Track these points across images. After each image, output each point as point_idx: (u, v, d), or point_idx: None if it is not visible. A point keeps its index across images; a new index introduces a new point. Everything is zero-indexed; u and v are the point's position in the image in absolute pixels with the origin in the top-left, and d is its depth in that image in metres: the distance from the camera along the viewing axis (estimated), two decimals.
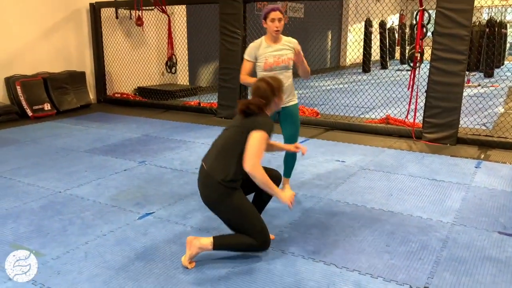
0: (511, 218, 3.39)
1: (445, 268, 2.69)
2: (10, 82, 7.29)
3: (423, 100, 5.84)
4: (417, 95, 5.82)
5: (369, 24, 15.27)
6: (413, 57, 5.84)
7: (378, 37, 16.19)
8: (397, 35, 17.70)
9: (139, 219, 3.37)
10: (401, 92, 7.48)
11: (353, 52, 15.08)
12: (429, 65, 5.67)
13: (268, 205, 3.62)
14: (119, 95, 9.01)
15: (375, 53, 16.89)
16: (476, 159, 4.96)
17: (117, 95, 9.02)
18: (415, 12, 5.85)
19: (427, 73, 5.73)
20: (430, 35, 5.78)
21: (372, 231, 3.17)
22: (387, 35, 16.84)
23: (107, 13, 8.78)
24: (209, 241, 2.66)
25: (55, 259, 2.76)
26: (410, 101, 5.93)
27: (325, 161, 4.89)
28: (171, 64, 8.49)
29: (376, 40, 16.20)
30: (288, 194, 2.71)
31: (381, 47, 16.25)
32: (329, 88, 10.63)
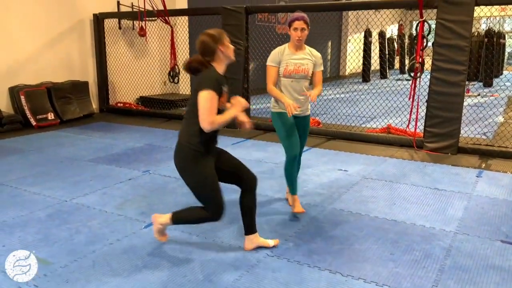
0: None
1: (449, 277, 2.72)
2: (14, 92, 7.35)
3: (424, 110, 5.90)
4: (418, 105, 5.88)
5: (368, 34, 15.41)
6: (414, 67, 5.92)
7: (378, 47, 16.34)
8: (396, 45, 17.85)
9: (145, 227, 3.40)
10: (402, 102, 7.55)
11: (353, 61, 15.20)
12: (429, 75, 5.74)
13: (274, 215, 3.67)
14: (121, 104, 9.07)
15: (376, 63, 16.99)
16: (477, 168, 5.00)
17: (119, 104, 9.08)
18: (416, 23, 5.92)
19: (428, 83, 5.79)
20: (430, 45, 5.85)
21: (376, 239, 3.21)
22: (386, 45, 16.99)
23: (110, 23, 8.87)
24: (168, 216, 2.92)
25: (63, 268, 2.79)
26: (411, 111, 5.99)
27: (328, 170, 4.93)
28: (173, 74, 8.56)
29: (375, 50, 16.33)
30: (240, 102, 2.81)
31: (380, 56, 16.38)
32: (330, 97, 10.70)
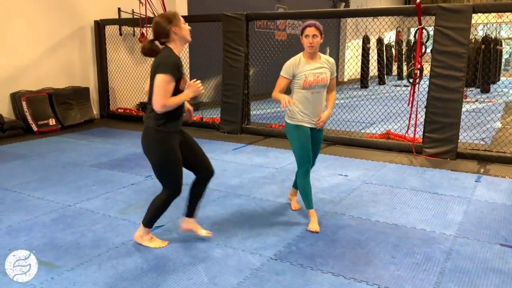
0: None
1: (450, 279, 2.76)
2: (16, 98, 7.39)
3: (423, 116, 5.97)
4: (417, 110, 5.95)
5: (367, 41, 15.52)
6: (412, 73, 5.99)
7: (376, 53, 16.45)
8: (394, 51, 17.98)
9: None
10: (401, 108, 7.61)
11: (352, 68, 15.29)
12: (428, 81, 5.82)
13: (276, 218, 3.71)
14: (122, 110, 9.12)
15: (375, 69, 17.10)
16: (476, 173, 5.06)
17: (120, 110, 9.13)
18: (414, 30, 6.01)
19: (427, 89, 5.87)
20: (429, 52, 5.93)
21: (377, 243, 3.26)
22: (384, 51, 17.11)
23: (111, 30, 8.94)
24: (141, 226, 3.12)
25: (69, 271, 2.83)
26: (410, 117, 6.05)
27: (328, 175, 4.98)
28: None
29: (374, 56, 16.44)
30: (193, 85, 2.87)
31: (379, 62, 16.49)
32: None
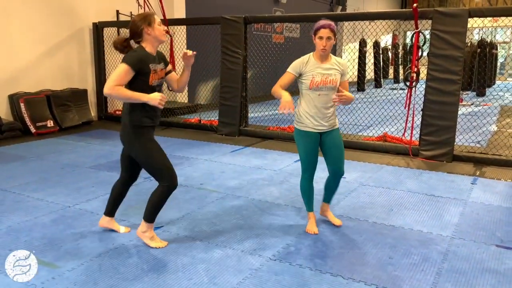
0: (507, 232, 3.53)
1: (447, 279, 2.80)
2: (14, 99, 7.41)
3: (420, 119, 6.02)
4: (413, 113, 6.00)
5: (363, 44, 15.61)
6: (409, 77, 6.05)
7: (373, 57, 16.53)
8: (390, 54, 18.08)
9: None
10: (398, 111, 7.67)
11: (348, 71, 15.40)
12: (425, 84, 5.87)
13: (274, 219, 3.75)
14: (120, 112, 9.13)
15: (372, 73, 17.19)
16: (472, 175, 5.11)
17: (118, 112, 9.14)
18: (411, 34, 6.07)
19: (423, 92, 5.92)
20: (425, 55, 5.99)
21: (375, 244, 3.29)
22: (381, 55, 17.20)
23: (109, 32, 8.97)
24: (142, 222, 3.19)
25: (70, 271, 2.85)
26: (407, 120, 6.11)
27: (326, 177, 5.00)
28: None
29: (370, 59, 16.52)
30: (155, 96, 2.91)
31: (375, 64, 16.58)
32: None
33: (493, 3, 20.18)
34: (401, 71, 17.68)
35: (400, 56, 18.40)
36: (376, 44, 16.74)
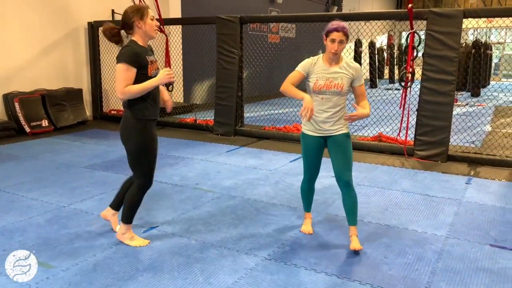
0: (501, 232, 3.55)
1: (441, 279, 2.82)
2: (9, 99, 7.37)
3: (414, 119, 6.04)
4: (408, 113, 6.02)
5: (359, 44, 15.65)
6: (404, 77, 6.07)
7: (368, 57, 16.57)
8: (386, 55, 18.13)
9: (144, 232, 3.45)
10: (393, 111, 7.70)
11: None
12: (420, 85, 5.89)
13: (269, 219, 3.75)
14: (115, 112, 9.10)
15: (367, 73, 17.22)
16: (467, 175, 5.14)
17: (113, 112, 9.11)
18: (406, 34, 6.09)
19: (418, 92, 5.94)
20: (420, 55, 6.01)
21: (370, 243, 3.30)
22: (376, 55, 17.25)
23: None
24: (121, 223, 3.21)
25: (65, 271, 2.84)
26: (402, 120, 6.13)
27: (321, 177, 4.97)
28: (167, 82, 8.61)
29: (366, 59, 16.56)
30: (163, 74, 2.93)
31: (370, 65, 16.62)
32: None
33: (487, 4, 20.29)
34: (396, 71, 17.72)
35: (395, 56, 18.45)
36: (372, 45, 16.81)
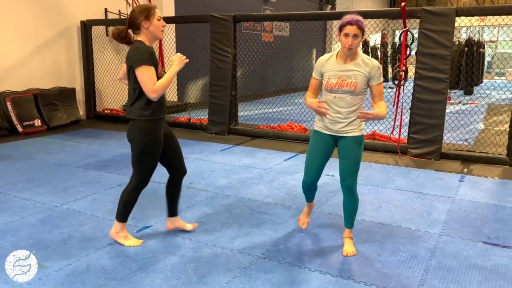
0: (494, 229, 3.57)
1: (434, 276, 2.83)
2: (1, 98, 7.30)
3: (408, 117, 6.06)
4: (401, 112, 6.04)
5: None
6: (397, 75, 6.09)
7: None
8: (379, 53, 18.16)
9: (137, 232, 3.44)
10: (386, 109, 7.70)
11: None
12: (413, 83, 5.91)
13: (263, 218, 3.74)
14: (108, 111, 9.07)
15: None
16: (460, 173, 5.16)
17: (106, 111, 9.07)
18: (399, 33, 6.10)
19: (411, 90, 5.96)
20: (413, 54, 6.03)
21: (363, 241, 3.31)
22: (370, 53, 17.27)
23: (97, 30, 8.89)
24: (115, 222, 3.19)
25: (57, 271, 2.82)
26: (395, 118, 6.15)
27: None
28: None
29: None
30: (177, 58, 2.98)
31: None
32: None
33: (480, 3, 20.40)
34: (389, 70, 17.77)
35: (388, 55, 18.50)
36: (365, 43, 16.84)
